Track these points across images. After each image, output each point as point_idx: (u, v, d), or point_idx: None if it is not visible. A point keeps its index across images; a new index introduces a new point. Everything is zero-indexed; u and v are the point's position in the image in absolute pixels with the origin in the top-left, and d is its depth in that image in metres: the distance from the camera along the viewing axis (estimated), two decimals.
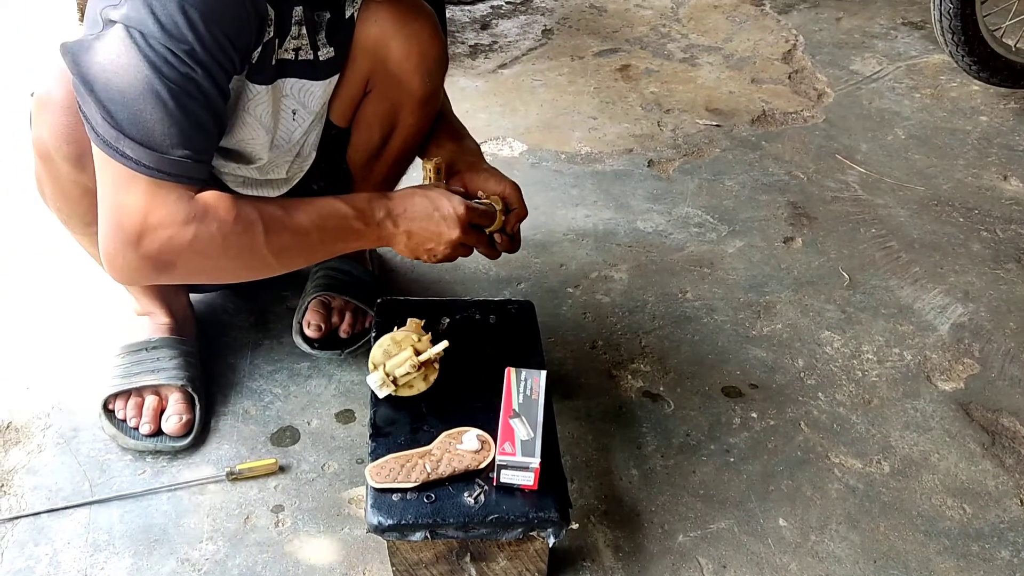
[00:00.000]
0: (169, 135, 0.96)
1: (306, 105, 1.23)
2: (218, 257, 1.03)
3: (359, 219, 1.10)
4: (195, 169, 1.00)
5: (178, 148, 0.97)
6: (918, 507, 1.29)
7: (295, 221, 1.07)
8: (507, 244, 1.24)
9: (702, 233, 1.85)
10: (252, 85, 1.13)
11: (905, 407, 1.46)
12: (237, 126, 1.16)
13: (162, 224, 0.98)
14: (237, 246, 1.03)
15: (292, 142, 1.27)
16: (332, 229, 1.09)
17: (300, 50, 1.17)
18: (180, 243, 0.99)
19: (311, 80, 1.20)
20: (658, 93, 2.37)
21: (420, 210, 1.13)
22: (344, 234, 1.11)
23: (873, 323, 1.63)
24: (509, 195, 1.23)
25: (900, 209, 1.95)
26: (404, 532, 1.05)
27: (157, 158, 0.96)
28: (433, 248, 1.15)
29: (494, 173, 1.25)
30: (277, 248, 1.06)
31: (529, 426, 1.09)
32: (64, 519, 1.21)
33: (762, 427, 1.41)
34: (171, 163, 0.97)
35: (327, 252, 1.14)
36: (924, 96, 2.40)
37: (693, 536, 1.23)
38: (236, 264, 1.06)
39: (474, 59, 2.49)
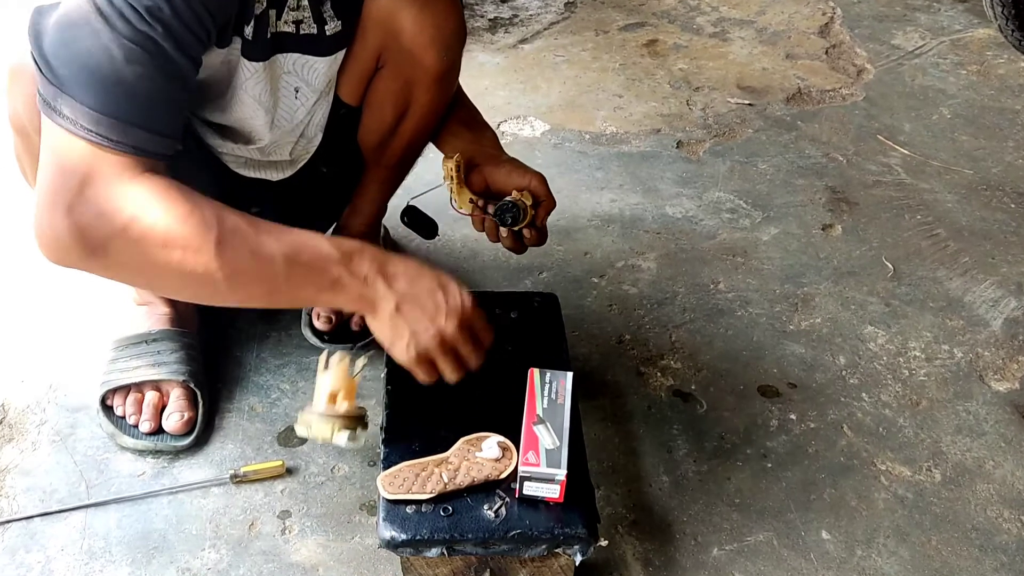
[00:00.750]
0: (115, 97, 0.85)
1: (309, 82, 1.14)
2: (156, 254, 0.86)
3: (342, 264, 0.92)
4: (146, 140, 0.87)
5: (126, 113, 0.85)
6: (972, 519, 1.20)
7: (261, 241, 0.89)
8: (535, 238, 1.16)
9: (735, 219, 1.74)
10: (247, 62, 1.03)
11: (956, 409, 1.36)
12: (234, 105, 1.07)
13: (98, 195, 0.85)
14: (181, 247, 0.86)
15: (295, 122, 1.18)
16: (304, 265, 0.92)
17: (302, 23, 1.07)
18: (116, 222, 0.85)
19: (315, 56, 1.11)
20: (687, 70, 2.25)
21: (422, 283, 0.95)
22: (317, 276, 0.92)
23: (920, 317, 1.52)
24: (536, 188, 1.14)
25: (947, 194, 1.83)
26: (419, 548, 0.97)
27: (98, 120, 0.84)
28: (419, 333, 0.95)
29: (517, 165, 1.16)
30: (230, 267, 0.88)
31: (555, 433, 1.01)
32: (58, 523, 1.14)
33: (802, 430, 1.31)
34: (115, 128, 0.85)
35: (291, 294, 0.95)
36: (970, 73, 2.27)
37: (729, 550, 1.15)
38: (176, 273, 0.88)
39: (493, 33, 2.38)
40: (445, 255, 1.58)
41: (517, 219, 1.14)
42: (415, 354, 0.97)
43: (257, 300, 0.98)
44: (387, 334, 0.97)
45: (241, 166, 1.23)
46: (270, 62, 1.06)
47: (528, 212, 1.15)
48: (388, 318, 0.95)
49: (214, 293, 0.92)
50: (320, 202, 1.38)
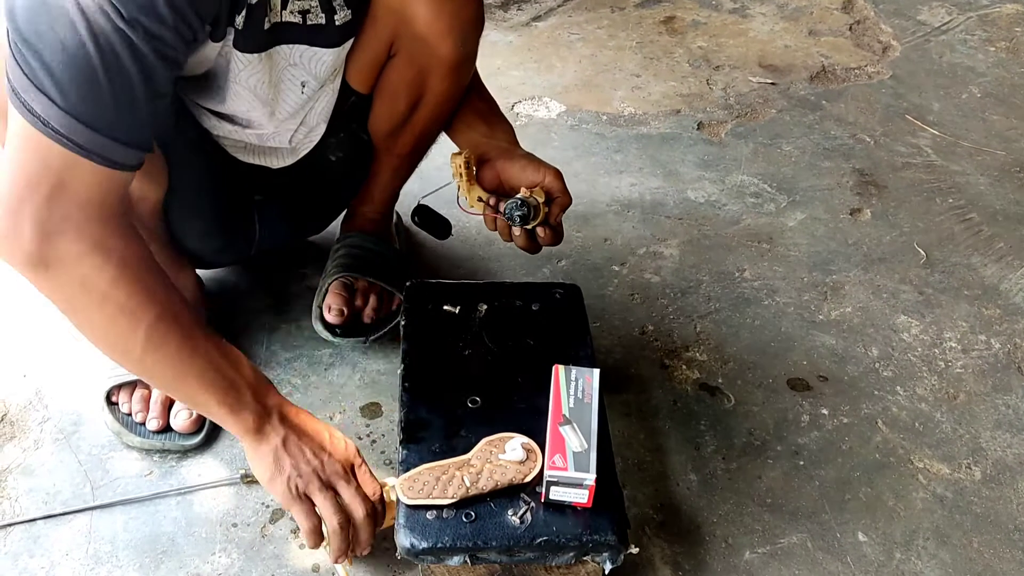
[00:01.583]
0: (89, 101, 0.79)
1: (316, 76, 1.08)
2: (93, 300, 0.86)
3: (251, 390, 0.95)
4: (116, 151, 0.83)
5: (98, 120, 0.81)
6: (1015, 520, 1.15)
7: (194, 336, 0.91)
8: (550, 237, 1.10)
9: (759, 204, 1.68)
10: (239, 54, 0.97)
11: (995, 403, 1.30)
12: (229, 97, 1.01)
13: (67, 213, 0.82)
14: (118, 305, 0.86)
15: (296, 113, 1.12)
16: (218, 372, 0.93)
17: (308, 13, 1.01)
18: (70, 247, 0.83)
19: (322, 48, 1.05)
20: (706, 48, 2.18)
21: (312, 426, 0.99)
22: (225, 392, 0.94)
23: (955, 306, 1.46)
24: (550, 184, 1.08)
25: (979, 176, 1.76)
26: (440, 556, 0.92)
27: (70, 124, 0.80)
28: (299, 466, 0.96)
29: (531, 160, 1.10)
30: (153, 344, 0.89)
31: (582, 435, 0.96)
32: (62, 526, 1.10)
33: (834, 425, 1.26)
34: (86, 135, 0.81)
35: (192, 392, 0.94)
36: (999, 50, 2.19)
37: (761, 553, 1.10)
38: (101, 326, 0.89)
39: (506, 11, 2.31)
40: (460, 243, 1.52)
41: (528, 218, 1.07)
42: (294, 489, 0.96)
43: (160, 383, 1.00)
44: (266, 469, 0.97)
45: (239, 151, 1.17)
46: (268, 54, 1.00)
47: (541, 210, 1.08)
48: (272, 451, 0.96)
49: (127, 360, 0.93)
50: (328, 191, 1.33)
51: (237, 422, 0.96)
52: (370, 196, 1.35)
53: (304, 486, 0.96)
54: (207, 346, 0.93)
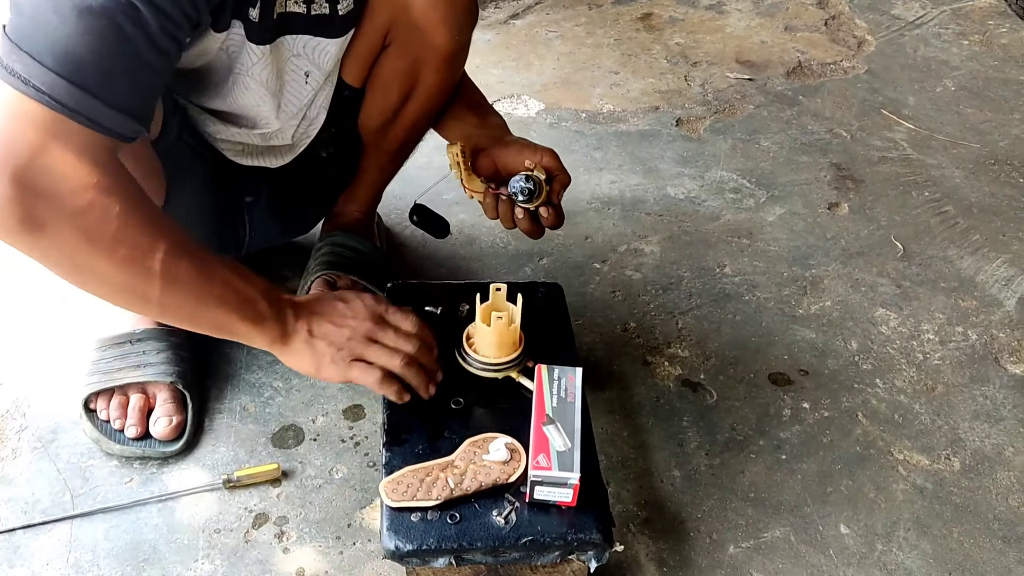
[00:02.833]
0: (77, 59, 0.76)
1: (320, 66, 1.07)
2: (97, 250, 0.82)
3: (268, 301, 0.95)
4: (107, 115, 0.79)
5: (88, 81, 0.77)
6: (994, 509, 1.16)
7: (206, 261, 0.90)
8: (552, 218, 1.10)
9: (739, 199, 1.69)
10: (253, 47, 0.96)
11: (973, 394, 1.32)
12: (236, 92, 1.00)
13: (54, 170, 0.77)
14: (131, 246, 0.83)
15: (302, 105, 1.11)
16: (238, 295, 0.93)
17: (314, 3, 1.00)
18: (67, 205, 0.78)
19: (327, 38, 1.04)
20: (684, 44, 2.19)
21: (324, 304, 1.00)
22: (245, 308, 0.93)
23: (932, 298, 1.48)
24: (548, 163, 1.09)
25: (955, 169, 1.78)
26: (425, 558, 0.92)
27: (54, 81, 0.76)
28: (337, 342, 0.98)
29: (525, 144, 1.11)
30: (170, 277, 0.86)
31: (566, 434, 0.96)
32: (42, 536, 1.08)
33: (815, 419, 1.27)
34: (73, 94, 0.77)
35: (214, 317, 0.93)
36: (973, 43, 2.21)
37: (745, 547, 1.10)
38: (113, 273, 0.84)
39: (483, 9, 2.30)
40: (442, 243, 1.52)
41: (533, 195, 1.07)
42: (342, 364, 0.98)
43: (180, 317, 0.95)
44: (309, 361, 0.98)
45: (239, 154, 1.16)
46: (275, 44, 0.99)
47: (543, 188, 1.08)
48: (303, 344, 0.98)
49: (143, 302, 0.89)
50: (317, 189, 1.32)
51: (263, 334, 0.95)
52: (355, 194, 1.35)
53: (348, 356, 0.98)
54: (218, 268, 0.92)
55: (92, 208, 0.80)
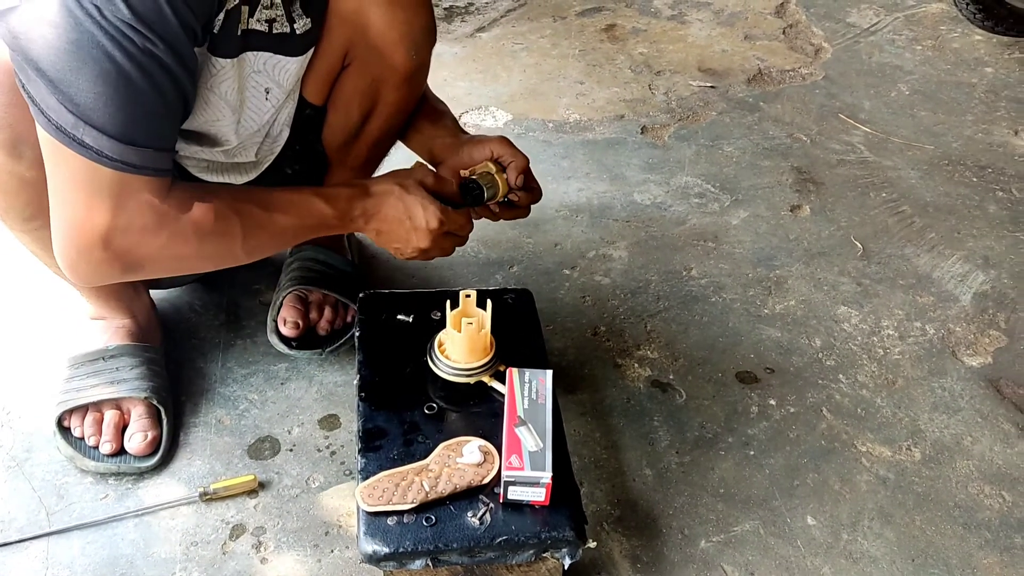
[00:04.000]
0: (133, 120, 0.85)
1: (280, 84, 1.09)
2: (190, 258, 0.98)
3: (336, 218, 1.06)
4: (162, 159, 0.90)
5: (145, 137, 0.86)
6: (954, 497, 1.20)
7: (275, 221, 1.01)
8: (527, 197, 1.17)
9: (703, 204, 1.73)
10: (215, 59, 0.98)
11: (932, 386, 1.36)
12: (199, 106, 1.02)
13: (133, 223, 0.89)
14: (213, 247, 0.97)
15: (262, 122, 1.13)
16: (309, 227, 1.05)
17: (275, 22, 1.02)
18: (152, 247, 0.92)
19: (286, 56, 1.06)
20: (647, 54, 2.23)
21: (393, 214, 1.08)
22: (320, 230, 1.07)
23: (891, 295, 1.52)
24: (499, 153, 1.14)
25: (910, 170, 1.84)
26: (402, 560, 0.93)
27: (122, 148, 0.85)
28: (400, 248, 1.11)
29: (474, 142, 1.15)
30: (252, 247, 1.01)
31: (537, 435, 0.98)
32: (18, 553, 1.08)
33: (782, 415, 1.30)
34: (137, 153, 0.86)
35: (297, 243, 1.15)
36: (926, 48, 2.28)
37: (716, 541, 1.13)
38: (207, 263, 1.03)
39: (450, 23, 2.33)
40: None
41: (483, 193, 1.12)
42: (399, 257, 1.13)
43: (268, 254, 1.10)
44: (384, 246, 1.12)
45: (204, 171, 1.17)
46: (238, 59, 1.01)
47: (496, 179, 1.13)
48: (376, 240, 1.12)
49: (232, 263, 1.04)
50: None
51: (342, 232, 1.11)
52: None
53: (409, 256, 1.12)
54: (285, 219, 1.02)
55: (172, 239, 0.92)
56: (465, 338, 1.06)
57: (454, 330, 1.06)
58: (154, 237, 0.91)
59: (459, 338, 1.06)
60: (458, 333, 1.06)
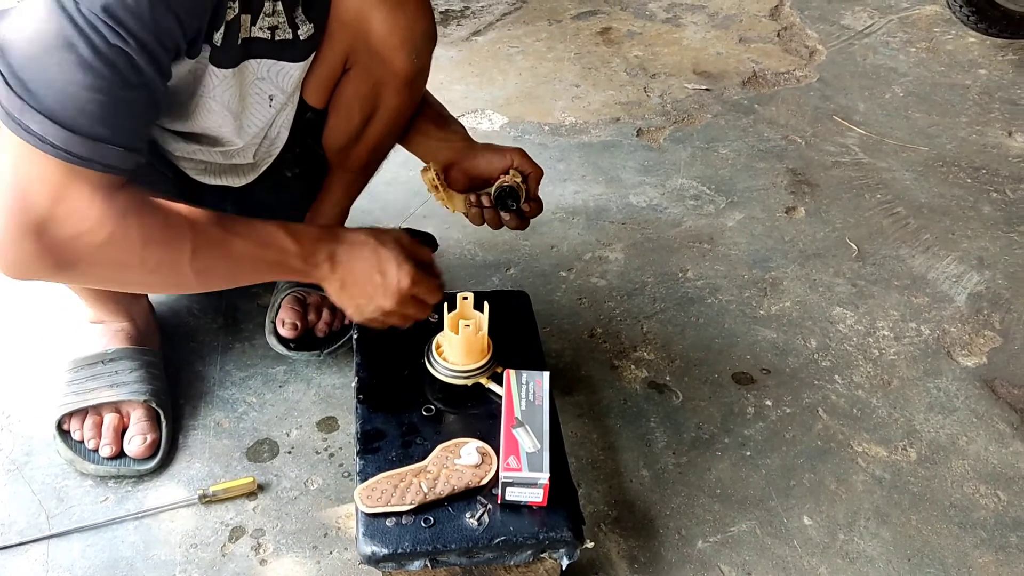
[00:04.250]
0: (87, 113, 0.81)
1: (284, 89, 1.10)
2: (131, 268, 0.90)
3: (300, 257, 0.99)
4: (117, 156, 0.85)
5: (98, 129, 0.82)
6: (950, 497, 1.21)
7: (231, 245, 0.95)
8: (535, 209, 1.18)
9: (699, 206, 1.74)
10: (216, 69, 0.99)
11: (927, 387, 1.37)
12: (199, 113, 1.02)
13: (72, 216, 0.84)
14: (157, 259, 0.90)
15: (263, 126, 1.13)
16: (268, 262, 0.98)
17: (277, 29, 1.02)
18: (90, 243, 0.85)
19: (290, 62, 1.07)
20: (642, 57, 2.24)
21: (363, 267, 1.02)
22: (278, 269, 1.00)
23: (886, 296, 1.53)
24: (519, 163, 1.15)
25: (904, 172, 1.85)
26: (401, 561, 0.94)
27: (68, 137, 0.81)
28: (361, 306, 1.04)
29: (492, 149, 1.17)
30: (202, 268, 0.94)
31: (534, 436, 0.99)
32: (19, 556, 1.09)
33: (778, 416, 1.31)
34: (87, 145, 0.82)
35: (255, 281, 1.03)
36: (920, 50, 2.29)
37: (713, 541, 1.14)
38: (149, 278, 0.94)
39: (445, 26, 2.34)
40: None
41: (517, 200, 1.15)
42: (359, 318, 1.07)
43: (221, 287, 1.04)
44: (339, 303, 1.06)
45: (201, 173, 1.18)
46: (239, 68, 1.02)
47: (522, 189, 1.15)
48: (336, 293, 1.05)
49: (179, 288, 1.02)
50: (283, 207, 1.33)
51: (303, 279, 1.03)
52: (321, 211, 1.36)
53: (368, 317, 1.06)
54: (244, 244, 0.96)
55: (114, 239, 0.86)
56: (462, 340, 1.07)
57: (452, 332, 1.07)
58: (92, 235, 0.85)
59: (456, 340, 1.07)
60: (455, 335, 1.07)
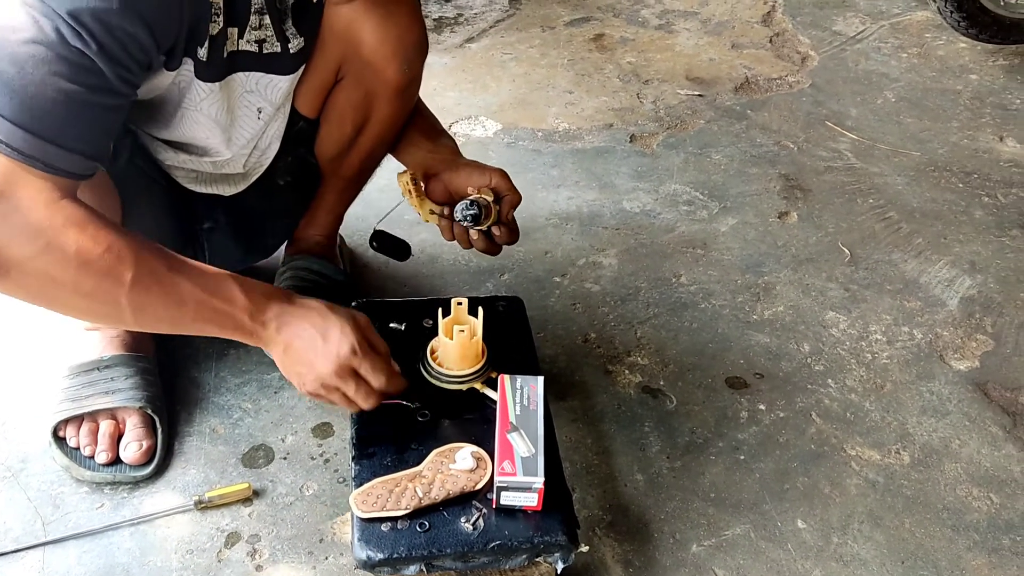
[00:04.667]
0: (36, 109, 0.80)
1: (272, 101, 1.10)
2: (63, 287, 0.86)
3: (246, 312, 0.96)
4: (66, 160, 0.83)
5: (46, 127, 0.81)
6: (943, 500, 1.21)
7: (176, 286, 0.91)
8: (506, 235, 1.15)
9: (692, 211, 1.74)
10: (201, 83, 0.99)
11: (920, 390, 1.38)
12: (186, 124, 1.03)
13: (10, 217, 0.81)
14: (92, 282, 0.86)
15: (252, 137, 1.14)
16: (212, 310, 0.94)
17: (264, 42, 1.03)
18: (22, 251, 0.82)
19: (279, 75, 1.07)
20: (635, 63, 2.25)
21: (308, 332, 0.98)
22: (222, 321, 0.96)
23: (879, 300, 1.54)
24: (497, 183, 1.14)
25: (896, 177, 1.86)
26: (397, 566, 0.94)
27: (14, 132, 0.80)
28: (302, 375, 1.00)
29: (476, 166, 1.15)
30: (139, 304, 0.89)
31: (529, 440, 0.99)
32: (14, 563, 1.09)
33: (771, 420, 1.32)
34: (31, 142, 0.80)
35: (194, 329, 0.98)
36: (911, 56, 2.31)
37: (707, 545, 1.14)
38: (81, 303, 0.89)
39: (439, 33, 2.35)
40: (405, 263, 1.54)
41: (479, 217, 1.12)
42: (305, 392, 1.02)
43: (159, 330, 0.99)
44: (283, 371, 1.02)
45: (192, 181, 1.18)
46: (226, 81, 1.02)
47: (492, 209, 1.13)
48: (279, 359, 1.01)
49: (117, 322, 0.97)
50: (275, 215, 1.34)
51: (243, 340, 0.99)
52: (316, 219, 1.37)
53: (309, 390, 1.01)
54: (190, 287, 0.92)
55: (49, 251, 0.83)
56: (457, 345, 1.07)
57: (446, 337, 1.08)
58: (27, 241, 0.82)
59: (451, 345, 1.07)
60: (450, 340, 1.07)
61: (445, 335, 1.08)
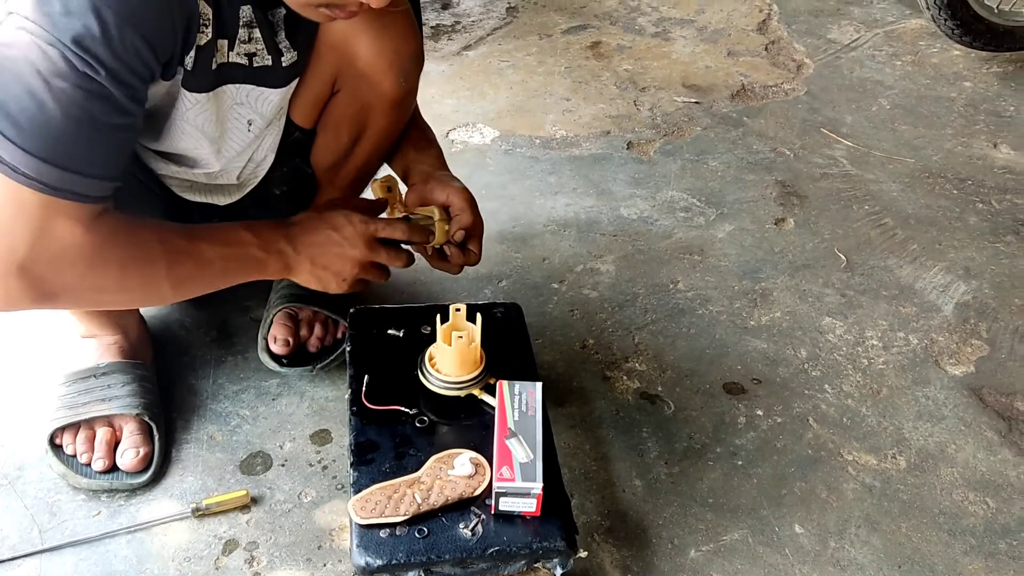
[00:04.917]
0: (60, 143, 0.83)
1: (263, 114, 1.10)
2: (111, 290, 0.95)
3: (260, 247, 1.03)
4: (94, 186, 0.88)
5: (72, 159, 0.84)
6: (939, 504, 1.22)
7: (199, 251, 1.00)
8: (458, 256, 1.15)
9: (689, 218, 1.75)
10: (187, 93, 0.99)
11: (916, 395, 1.38)
12: (174, 134, 1.03)
13: (54, 250, 0.87)
14: (136, 279, 0.96)
15: (242, 149, 1.14)
16: (235, 259, 1.03)
17: (255, 55, 1.03)
18: (69, 277, 0.89)
19: (270, 88, 1.07)
20: (632, 70, 2.26)
21: (318, 237, 1.06)
22: (246, 264, 1.04)
23: (875, 306, 1.55)
24: (453, 203, 1.12)
25: (891, 183, 1.87)
26: (395, 572, 0.94)
27: (39, 166, 0.82)
28: (340, 270, 1.08)
29: (441, 181, 1.15)
30: (178, 279, 0.99)
31: (527, 446, 0.99)
32: (11, 571, 1.08)
33: (769, 425, 1.32)
34: (62, 176, 0.84)
35: (229, 282, 1.05)
36: (905, 63, 2.32)
37: (705, 550, 1.14)
38: (130, 296, 1.02)
39: (436, 41, 2.36)
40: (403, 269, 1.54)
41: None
42: (348, 286, 1.10)
43: (200, 293, 1.07)
44: (316, 284, 1.09)
45: (186, 190, 1.19)
46: (215, 93, 1.02)
47: (438, 227, 1.13)
48: (308, 274, 1.08)
49: (160, 300, 1.07)
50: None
51: (271, 273, 1.06)
52: None
53: (351, 278, 1.09)
54: (210, 248, 1.00)
55: (93, 268, 0.90)
56: (455, 352, 1.07)
57: (444, 344, 1.08)
58: (70, 267, 0.89)
59: (449, 352, 1.08)
60: (448, 347, 1.07)
61: (443, 341, 1.08)
